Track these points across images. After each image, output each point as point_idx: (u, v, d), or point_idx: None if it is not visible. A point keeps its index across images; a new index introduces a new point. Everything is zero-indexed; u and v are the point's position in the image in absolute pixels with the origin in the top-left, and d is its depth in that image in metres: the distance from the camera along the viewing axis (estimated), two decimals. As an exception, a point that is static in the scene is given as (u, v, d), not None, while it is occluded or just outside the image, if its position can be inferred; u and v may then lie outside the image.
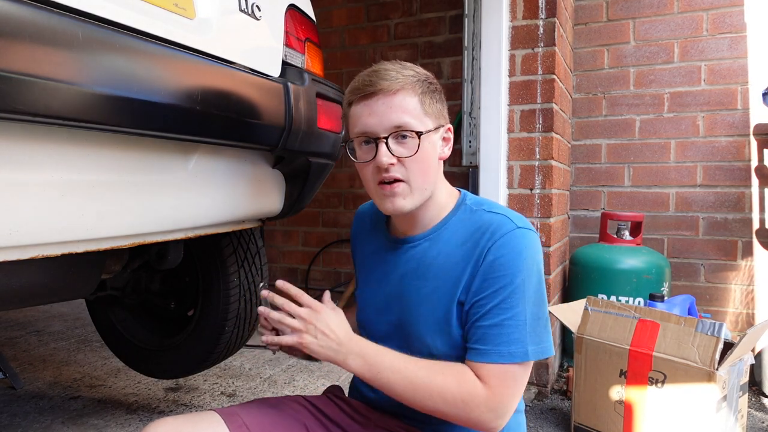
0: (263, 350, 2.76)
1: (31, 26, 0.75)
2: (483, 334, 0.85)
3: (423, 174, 0.89)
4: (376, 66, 0.89)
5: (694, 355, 1.48)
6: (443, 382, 0.84)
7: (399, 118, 0.86)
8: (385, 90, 0.86)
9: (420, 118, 0.88)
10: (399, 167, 0.88)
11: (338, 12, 3.27)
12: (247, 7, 1.26)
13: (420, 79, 0.89)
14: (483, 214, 0.92)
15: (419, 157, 0.88)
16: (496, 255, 0.86)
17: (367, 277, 1.06)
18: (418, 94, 0.88)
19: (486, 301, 0.85)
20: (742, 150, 2.50)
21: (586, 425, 1.74)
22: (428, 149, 0.89)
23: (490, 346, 0.84)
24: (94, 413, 1.95)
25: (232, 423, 0.91)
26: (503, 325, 0.84)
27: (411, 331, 0.95)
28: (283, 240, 3.51)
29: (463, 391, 0.83)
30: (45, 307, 3.60)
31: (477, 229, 0.90)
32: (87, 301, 1.97)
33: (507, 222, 0.88)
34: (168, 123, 1.01)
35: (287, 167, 1.50)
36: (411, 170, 0.88)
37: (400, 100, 0.87)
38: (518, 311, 0.84)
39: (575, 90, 2.76)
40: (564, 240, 2.59)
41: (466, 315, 0.88)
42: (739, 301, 2.51)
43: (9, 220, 0.83)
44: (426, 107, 0.89)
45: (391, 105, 0.86)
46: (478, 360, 0.85)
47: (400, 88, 0.86)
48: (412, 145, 0.87)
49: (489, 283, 0.86)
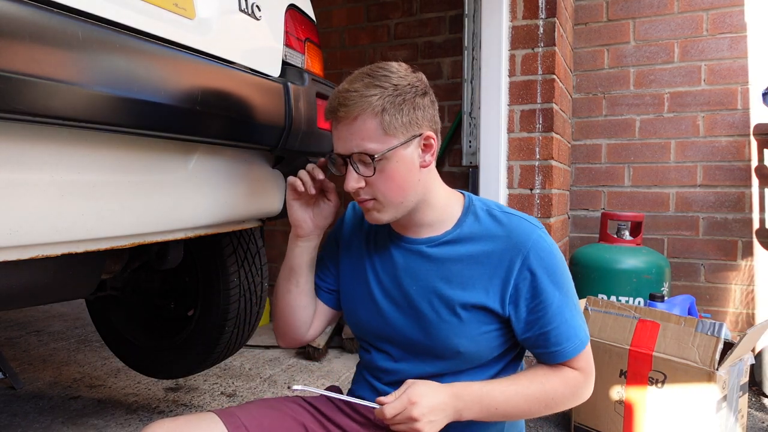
0: (263, 350, 2.76)
1: (31, 26, 0.75)
2: (556, 336, 0.92)
3: (392, 191, 0.91)
4: (346, 83, 0.89)
5: (694, 355, 1.48)
6: (553, 387, 0.93)
7: (358, 145, 0.88)
8: (345, 117, 0.88)
9: (380, 139, 0.87)
10: (368, 188, 0.91)
11: (338, 12, 3.26)
12: (247, 7, 1.26)
13: (385, 95, 0.86)
14: (500, 216, 0.96)
15: (385, 176, 0.89)
16: (536, 262, 0.91)
17: (374, 275, 1.03)
18: (378, 114, 0.86)
19: (543, 306, 0.91)
20: (742, 150, 2.50)
21: (586, 425, 1.74)
22: (394, 167, 0.89)
23: (566, 344, 0.92)
24: (94, 413, 1.95)
25: (230, 424, 0.91)
26: (567, 323, 0.92)
27: (432, 331, 0.95)
28: (283, 240, 3.50)
29: (571, 386, 0.94)
30: (45, 307, 3.60)
31: (502, 234, 0.94)
32: (87, 301, 1.97)
33: (530, 227, 0.94)
34: (168, 123, 1.01)
35: (287, 167, 1.50)
36: (379, 189, 0.90)
37: (359, 125, 0.87)
38: (571, 305, 0.94)
39: (575, 90, 2.76)
40: (564, 240, 2.59)
41: (525, 324, 0.93)
42: (739, 301, 2.51)
43: (9, 220, 0.83)
44: (387, 126, 0.87)
45: (351, 131, 0.88)
46: (564, 360, 0.94)
47: (359, 114, 0.87)
48: (379, 165, 0.89)
49: (539, 290, 0.91)
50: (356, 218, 1.11)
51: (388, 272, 1.00)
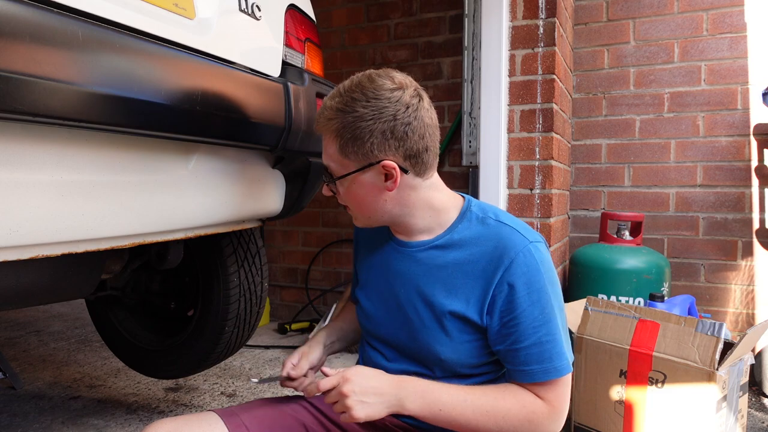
0: (263, 350, 2.76)
1: (31, 26, 0.75)
2: (525, 355, 0.87)
3: (359, 207, 0.94)
4: (333, 94, 0.90)
5: (694, 355, 1.48)
6: (505, 406, 0.86)
7: (325, 160, 0.93)
8: (317, 130, 0.92)
9: (339, 161, 0.90)
10: (339, 196, 0.95)
11: (338, 12, 3.26)
12: (247, 7, 1.26)
13: (346, 122, 0.86)
14: (492, 224, 0.92)
15: (348, 194, 0.93)
16: (517, 275, 0.87)
17: (375, 277, 1.04)
18: (336, 138, 0.88)
19: (516, 322, 0.87)
20: (742, 150, 2.50)
21: (586, 425, 1.74)
22: (355, 189, 0.91)
23: (536, 366, 0.86)
24: (94, 413, 1.95)
25: (231, 423, 0.91)
26: (542, 343, 0.86)
27: (416, 336, 0.95)
28: (283, 240, 3.50)
29: (527, 412, 0.87)
30: (45, 307, 3.60)
31: (489, 243, 0.90)
32: (87, 301, 1.97)
33: (519, 238, 0.89)
34: (168, 123, 1.01)
35: (287, 167, 1.50)
36: (348, 202, 0.95)
37: (326, 142, 0.91)
38: (552, 326, 0.87)
39: (575, 90, 2.76)
40: (564, 240, 2.59)
41: (496, 336, 0.89)
42: (739, 301, 2.51)
43: (9, 220, 0.83)
44: (342, 151, 0.88)
45: (323, 144, 0.92)
46: (528, 381, 0.88)
47: (324, 132, 0.90)
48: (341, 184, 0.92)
49: (515, 305, 0.87)
50: None
51: (383, 273, 1.01)
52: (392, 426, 0.97)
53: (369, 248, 1.07)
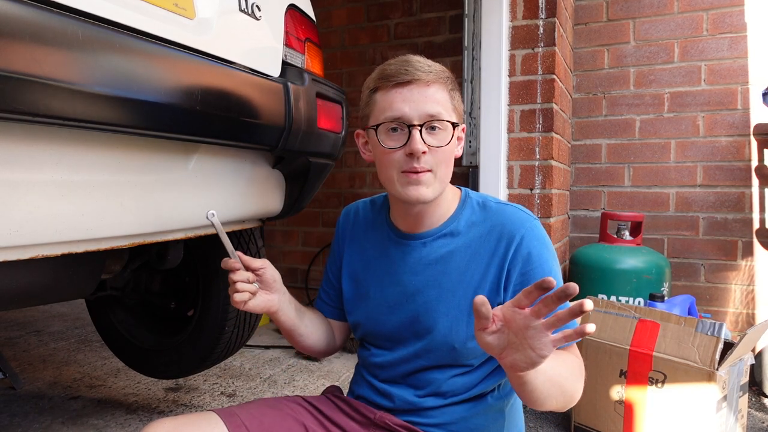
0: (263, 350, 2.76)
1: (31, 26, 0.75)
2: None
3: (447, 165, 0.93)
4: (407, 56, 0.92)
5: (694, 355, 1.48)
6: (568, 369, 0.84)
7: (433, 108, 0.89)
8: (421, 80, 0.89)
9: (449, 111, 0.92)
10: (428, 157, 0.89)
11: (338, 12, 3.26)
12: (247, 7, 1.26)
13: (448, 75, 0.93)
14: (494, 207, 0.97)
15: (448, 148, 0.91)
16: (530, 248, 0.90)
17: (373, 275, 1.04)
18: (448, 89, 0.92)
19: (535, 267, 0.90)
20: (742, 150, 2.50)
21: (586, 425, 1.74)
22: (452, 143, 0.92)
23: None
24: (94, 413, 1.95)
25: (231, 423, 0.91)
26: None
27: (430, 326, 0.95)
28: (283, 240, 3.51)
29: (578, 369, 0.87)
30: (45, 307, 3.60)
31: (497, 223, 0.94)
32: (87, 301, 1.97)
33: (525, 215, 0.94)
34: (168, 123, 1.01)
35: (287, 167, 1.50)
36: (438, 160, 0.90)
37: (434, 91, 0.90)
38: None
39: (575, 90, 2.76)
40: (564, 240, 2.59)
41: (513, 293, 0.90)
42: (739, 301, 2.51)
43: (9, 220, 0.83)
44: (454, 102, 0.93)
45: (426, 95, 0.89)
46: None
47: (434, 81, 0.90)
48: (442, 136, 0.90)
49: (529, 276, 0.89)
50: (350, 223, 1.12)
51: (388, 270, 1.01)
52: (392, 426, 0.97)
53: (360, 247, 1.07)
